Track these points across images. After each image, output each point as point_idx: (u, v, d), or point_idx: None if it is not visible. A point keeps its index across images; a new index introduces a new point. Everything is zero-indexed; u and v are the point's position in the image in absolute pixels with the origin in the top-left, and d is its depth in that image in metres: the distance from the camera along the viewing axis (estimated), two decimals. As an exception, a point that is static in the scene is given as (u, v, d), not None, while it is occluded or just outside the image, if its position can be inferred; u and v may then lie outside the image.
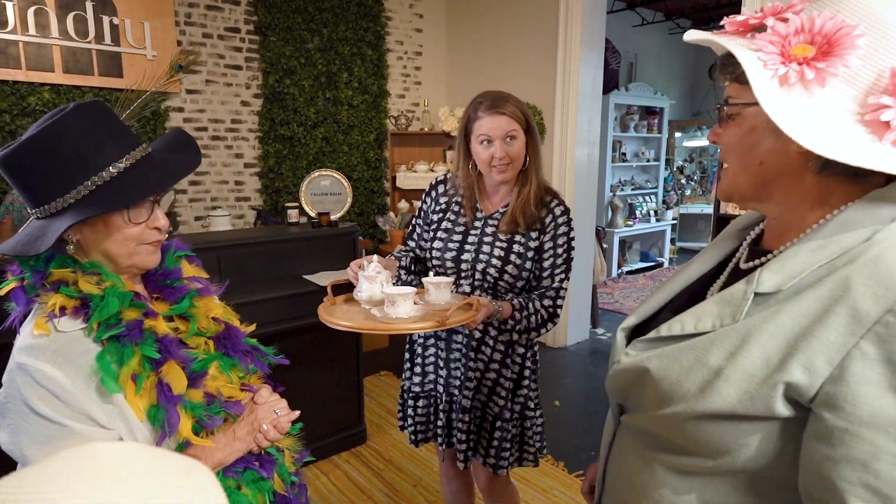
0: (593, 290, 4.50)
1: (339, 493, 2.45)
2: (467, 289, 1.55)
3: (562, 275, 1.53)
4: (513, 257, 1.51)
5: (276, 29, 4.01)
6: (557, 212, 1.53)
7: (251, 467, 0.97)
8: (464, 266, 1.55)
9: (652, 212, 6.83)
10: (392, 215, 4.50)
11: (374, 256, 1.44)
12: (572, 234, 1.54)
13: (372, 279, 1.38)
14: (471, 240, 1.56)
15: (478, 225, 1.57)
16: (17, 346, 0.85)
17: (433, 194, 1.68)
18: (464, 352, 1.57)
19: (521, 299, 1.49)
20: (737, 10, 3.08)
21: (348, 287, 1.48)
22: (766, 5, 0.63)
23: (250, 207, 4.15)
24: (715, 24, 0.93)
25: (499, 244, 1.52)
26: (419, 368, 1.69)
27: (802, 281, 0.61)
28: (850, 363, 0.55)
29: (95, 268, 0.90)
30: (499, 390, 1.58)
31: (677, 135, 7.32)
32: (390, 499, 2.42)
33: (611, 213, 6.28)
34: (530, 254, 1.51)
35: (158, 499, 0.42)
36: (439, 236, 1.61)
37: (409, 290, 1.33)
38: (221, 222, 3.24)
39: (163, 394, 0.87)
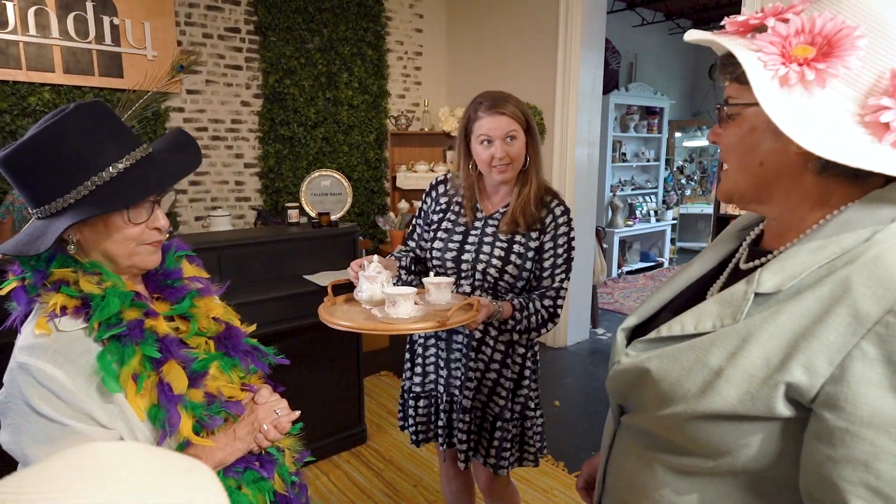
0: (593, 290, 4.50)
1: (339, 493, 2.45)
2: (468, 289, 1.55)
3: (562, 275, 1.53)
4: (513, 257, 1.51)
5: (277, 29, 4.01)
6: (558, 212, 1.53)
7: (251, 467, 0.97)
8: (464, 266, 1.55)
9: (652, 212, 6.83)
10: (392, 215, 4.50)
11: (375, 256, 1.44)
12: (572, 234, 1.54)
13: (372, 279, 1.38)
14: (471, 240, 1.56)
15: (478, 225, 1.57)
16: (18, 345, 0.85)
17: (433, 194, 1.69)
18: (464, 352, 1.57)
19: (521, 299, 1.49)
20: (737, 10, 3.08)
21: (349, 287, 1.48)
22: (766, 5, 0.63)
23: (250, 207, 4.15)
24: (715, 25, 0.93)
25: (499, 244, 1.52)
26: (419, 368, 1.69)
27: (802, 281, 0.61)
28: (851, 363, 0.55)
29: (96, 268, 0.90)
30: (499, 390, 1.58)
31: (677, 135, 7.32)
32: (390, 499, 2.42)
33: (611, 213, 6.28)
34: (530, 254, 1.52)
35: (159, 498, 0.42)
36: (439, 236, 1.61)
37: (409, 290, 1.33)
38: (222, 222, 3.24)
39: (163, 393, 0.87)
